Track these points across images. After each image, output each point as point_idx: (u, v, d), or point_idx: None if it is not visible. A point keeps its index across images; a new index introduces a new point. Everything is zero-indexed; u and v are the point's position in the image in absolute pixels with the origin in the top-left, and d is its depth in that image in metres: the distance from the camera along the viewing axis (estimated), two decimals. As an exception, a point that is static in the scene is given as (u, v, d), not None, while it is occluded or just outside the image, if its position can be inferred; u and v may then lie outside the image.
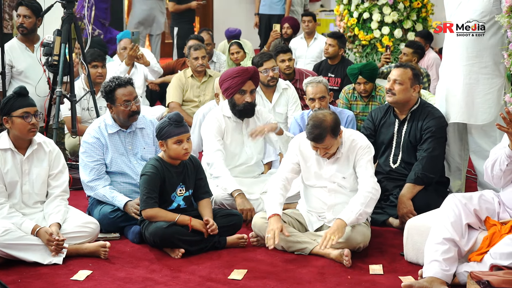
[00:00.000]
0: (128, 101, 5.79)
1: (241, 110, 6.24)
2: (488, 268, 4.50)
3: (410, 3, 10.92)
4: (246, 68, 6.30)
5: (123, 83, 5.83)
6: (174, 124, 5.26)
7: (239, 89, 6.18)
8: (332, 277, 4.87)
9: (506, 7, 5.38)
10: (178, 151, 5.32)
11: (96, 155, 5.80)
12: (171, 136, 5.28)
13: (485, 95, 6.08)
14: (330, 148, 5.34)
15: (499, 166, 4.83)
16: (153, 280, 4.82)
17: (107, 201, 5.72)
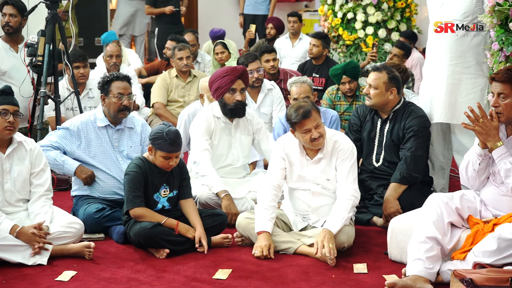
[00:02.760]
0: (121, 94, 5.83)
1: (233, 109, 6.24)
2: (471, 266, 4.52)
3: (394, 3, 10.96)
4: (235, 67, 6.32)
5: (121, 77, 5.92)
6: (169, 141, 5.26)
7: (229, 88, 6.19)
8: (316, 276, 4.88)
9: (488, 7, 5.41)
10: (163, 164, 5.35)
11: (62, 141, 5.87)
12: (162, 151, 5.29)
13: (468, 95, 6.11)
14: (321, 127, 5.35)
15: (472, 166, 4.87)
16: (138, 280, 4.81)
17: (57, 164, 5.79)
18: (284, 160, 5.52)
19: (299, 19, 11.20)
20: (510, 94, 4.67)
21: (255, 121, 6.44)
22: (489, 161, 4.83)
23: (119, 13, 12.93)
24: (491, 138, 4.69)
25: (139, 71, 10.33)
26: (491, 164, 4.83)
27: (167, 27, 12.20)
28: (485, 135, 4.70)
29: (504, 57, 5.43)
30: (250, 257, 5.22)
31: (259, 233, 5.27)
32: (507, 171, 4.64)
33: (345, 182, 5.38)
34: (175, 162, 5.35)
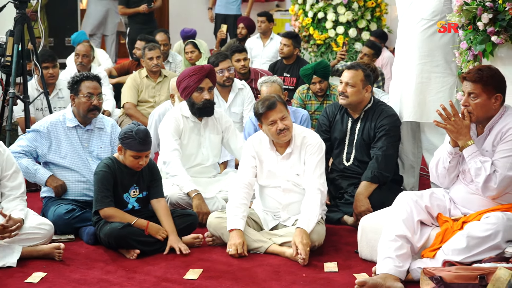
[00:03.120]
0: (91, 94, 5.80)
1: (201, 108, 6.23)
2: (441, 264, 4.55)
3: (364, 2, 11.01)
4: (202, 66, 6.31)
5: (91, 77, 5.89)
6: (139, 140, 5.24)
7: (197, 87, 6.17)
8: (287, 275, 4.88)
9: (456, 6, 5.45)
10: (133, 164, 5.34)
11: (32, 144, 5.81)
12: (131, 150, 5.28)
13: (437, 93, 6.15)
14: (287, 120, 5.37)
15: (443, 164, 4.90)
16: (108, 281, 4.79)
17: (29, 173, 5.75)
18: (255, 158, 5.53)
19: (267, 19, 11.18)
20: (481, 94, 4.70)
21: (224, 119, 6.44)
22: (460, 159, 4.86)
23: (90, 13, 12.87)
24: (462, 136, 4.72)
25: (110, 71, 10.28)
26: (461, 162, 4.86)
27: (139, 27, 12.17)
28: (456, 133, 4.73)
29: (472, 56, 5.47)
30: (221, 257, 5.22)
31: (231, 230, 5.27)
32: (477, 170, 4.67)
33: (312, 175, 5.40)
34: (145, 162, 5.34)
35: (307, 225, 5.18)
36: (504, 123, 4.70)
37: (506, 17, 5.14)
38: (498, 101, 4.72)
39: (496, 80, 4.73)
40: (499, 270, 4.18)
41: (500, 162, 4.64)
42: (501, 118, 4.74)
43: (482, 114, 4.73)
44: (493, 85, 4.70)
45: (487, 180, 4.63)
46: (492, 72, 4.74)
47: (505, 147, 4.65)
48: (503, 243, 4.51)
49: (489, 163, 4.64)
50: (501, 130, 4.69)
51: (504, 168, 4.62)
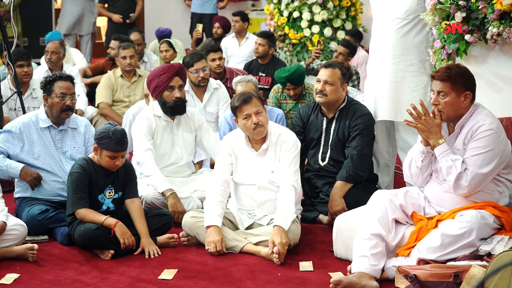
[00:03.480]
0: (64, 94, 5.76)
1: (172, 106, 6.21)
2: (415, 263, 4.57)
3: (339, 2, 11.03)
4: (172, 64, 6.31)
5: (64, 77, 5.85)
6: (116, 141, 5.22)
7: (167, 85, 6.17)
8: (262, 274, 4.88)
9: (430, 5, 5.47)
10: (109, 164, 5.31)
11: (4, 145, 5.77)
12: (108, 150, 5.25)
13: (411, 93, 6.17)
14: (262, 116, 5.39)
15: (415, 163, 4.92)
16: (83, 282, 4.77)
17: (0, 170, 5.70)
18: (231, 155, 5.53)
19: (242, 19, 11.16)
20: (449, 92, 4.72)
21: (196, 117, 6.43)
22: (432, 158, 4.89)
23: (65, 12, 12.79)
24: (433, 135, 4.74)
25: (84, 71, 10.22)
26: (434, 161, 4.88)
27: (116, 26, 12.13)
28: (427, 132, 4.75)
29: (446, 54, 5.50)
30: (196, 257, 5.20)
31: (209, 227, 5.25)
32: (448, 168, 4.69)
33: (286, 172, 5.41)
34: (121, 162, 5.32)
35: (284, 223, 5.18)
36: (475, 121, 4.73)
37: (479, 16, 5.17)
38: (468, 99, 4.74)
39: (465, 78, 4.75)
40: (473, 268, 4.20)
41: (471, 160, 4.66)
42: (471, 116, 4.77)
43: (452, 113, 4.76)
44: (461, 83, 4.72)
45: (458, 178, 4.66)
46: (460, 71, 4.76)
47: (475, 145, 4.68)
48: (477, 241, 4.54)
49: (460, 161, 4.66)
50: (471, 128, 4.72)
51: (475, 166, 4.64)
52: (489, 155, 4.65)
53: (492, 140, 4.66)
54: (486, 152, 4.65)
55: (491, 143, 4.66)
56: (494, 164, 4.67)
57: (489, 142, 4.66)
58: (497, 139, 4.69)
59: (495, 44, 5.25)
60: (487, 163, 4.65)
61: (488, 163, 4.65)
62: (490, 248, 4.50)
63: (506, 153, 4.77)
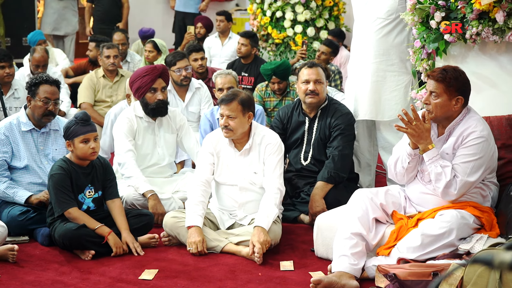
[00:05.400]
0: (48, 99, 5.73)
1: (154, 108, 6.21)
2: (395, 262, 4.57)
3: (322, 1, 11.06)
4: (155, 66, 6.29)
5: (50, 81, 5.80)
6: (81, 123, 5.21)
7: (150, 87, 6.16)
8: (243, 274, 4.88)
9: (409, 5, 5.49)
10: (84, 151, 5.26)
11: (3, 156, 5.70)
12: (77, 135, 5.23)
13: (392, 92, 6.19)
14: (234, 120, 5.37)
15: (401, 164, 4.91)
16: (63, 282, 4.75)
17: (7, 197, 5.64)
18: (213, 155, 5.52)
19: (226, 18, 11.17)
20: (442, 94, 4.71)
21: (178, 118, 6.42)
22: (419, 160, 4.87)
23: (47, 12, 12.74)
24: (423, 140, 4.73)
25: (66, 71, 10.18)
26: (420, 163, 4.87)
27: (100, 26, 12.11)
28: (417, 137, 4.73)
29: (426, 54, 5.51)
30: (176, 257, 5.20)
31: (190, 227, 5.25)
32: (438, 175, 4.68)
33: (271, 175, 5.41)
34: (96, 146, 5.28)
35: (265, 223, 5.18)
36: (466, 126, 4.72)
37: (458, 16, 5.19)
38: (459, 103, 4.73)
39: (460, 82, 4.73)
40: (452, 266, 4.22)
41: (460, 167, 4.66)
42: (462, 121, 4.76)
43: (441, 114, 4.75)
44: (455, 87, 4.71)
45: (448, 186, 4.65)
46: (456, 74, 4.74)
47: (465, 151, 4.67)
48: (456, 240, 4.56)
49: (450, 168, 4.66)
50: (462, 133, 4.71)
51: (464, 174, 4.64)
52: (478, 163, 4.66)
53: (482, 147, 4.67)
54: (476, 160, 4.66)
55: (481, 151, 4.67)
56: (482, 171, 4.68)
57: (479, 150, 4.66)
58: (487, 146, 4.70)
59: (474, 44, 5.27)
60: (476, 170, 4.66)
61: (476, 170, 4.66)
62: (469, 246, 4.51)
63: (493, 158, 4.79)
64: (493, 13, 5.00)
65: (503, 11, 4.95)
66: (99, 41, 9.65)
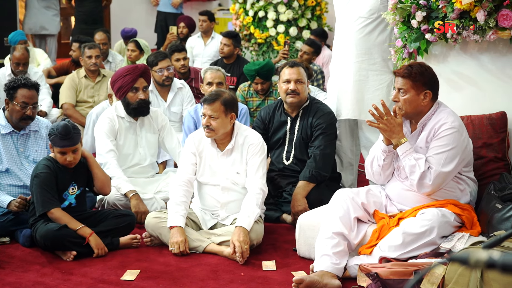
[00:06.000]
0: (26, 104, 5.68)
1: (136, 108, 6.20)
2: (377, 261, 4.58)
3: (305, 1, 11.07)
4: (136, 65, 6.28)
5: (29, 85, 5.74)
6: (59, 136, 5.18)
7: (131, 87, 6.15)
8: (225, 274, 4.88)
9: (391, 4, 5.49)
10: (61, 160, 5.28)
11: None
12: (55, 146, 5.23)
13: (374, 91, 6.20)
14: (216, 120, 5.35)
15: (377, 162, 4.94)
16: (44, 283, 4.73)
17: None
18: (195, 155, 5.51)
19: (209, 18, 11.17)
20: (409, 90, 4.75)
21: (160, 118, 6.41)
22: (394, 157, 4.91)
23: (29, 12, 12.69)
24: (395, 135, 4.76)
25: (49, 71, 10.14)
26: (396, 160, 4.91)
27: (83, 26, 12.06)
28: (389, 132, 4.77)
29: (407, 53, 5.52)
30: (158, 257, 5.19)
31: (172, 227, 5.24)
32: (411, 167, 4.71)
33: (254, 176, 5.40)
34: (73, 158, 5.26)
35: (246, 223, 5.17)
36: (437, 119, 4.76)
37: (440, 15, 5.20)
38: (428, 97, 4.77)
39: (426, 76, 4.78)
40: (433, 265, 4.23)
41: (434, 159, 4.69)
42: (434, 115, 4.79)
43: (411, 110, 4.79)
44: (422, 81, 4.75)
45: (422, 177, 4.68)
46: (422, 69, 4.79)
47: (438, 143, 4.70)
48: (438, 239, 4.57)
49: (423, 160, 4.69)
50: (434, 126, 4.74)
51: (438, 165, 4.67)
52: (451, 154, 4.68)
53: (454, 138, 4.69)
54: (448, 150, 4.68)
55: (454, 141, 4.69)
56: (456, 162, 4.70)
57: (452, 140, 4.69)
58: (459, 137, 4.72)
59: (455, 43, 5.28)
60: (450, 161, 4.68)
61: (450, 161, 4.68)
62: (451, 245, 4.52)
63: (467, 150, 4.81)
64: (474, 12, 5.01)
65: (484, 11, 4.96)
66: (83, 41, 9.61)
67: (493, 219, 4.64)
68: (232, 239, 5.08)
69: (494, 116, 5.22)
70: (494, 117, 5.21)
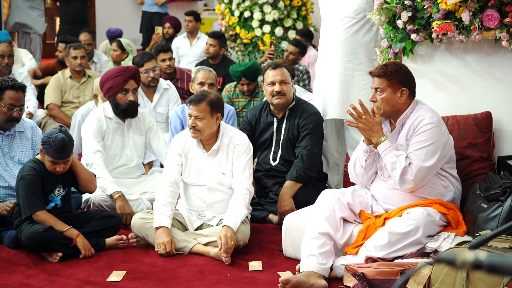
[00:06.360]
0: (13, 106, 5.66)
1: (125, 109, 6.19)
2: (363, 261, 4.59)
3: (290, 1, 11.08)
4: (127, 67, 6.27)
5: (16, 86, 5.71)
6: (55, 148, 5.15)
7: (122, 88, 6.14)
8: (211, 275, 4.87)
9: (377, 4, 5.50)
10: (50, 168, 5.26)
11: None
12: (48, 155, 5.20)
13: (360, 91, 6.21)
14: (202, 121, 5.34)
15: (359, 163, 4.96)
16: (30, 285, 4.71)
17: None
18: (181, 156, 5.50)
19: (194, 19, 11.16)
20: (385, 89, 4.80)
21: (147, 119, 6.41)
22: (376, 157, 4.93)
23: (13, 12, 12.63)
24: (375, 133, 4.79)
25: (34, 72, 10.10)
26: (378, 159, 4.93)
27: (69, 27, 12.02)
28: (369, 131, 4.79)
29: (393, 53, 5.53)
30: (145, 258, 5.18)
31: (158, 228, 5.23)
32: (393, 164, 4.73)
33: (241, 176, 5.40)
34: (63, 168, 5.24)
35: (232, 223, 5.17)
36: (416, 116, 4.79)
37: (425, 15, 5.21)
38: (404, 95, 4.80)
39: (401, 74, 4.82)
40: (419, 265, 4.24)
41: (414, 155, 4.72)
42: (412, 112, 4.83)
43: (389, 108, 4.82)
44: (397, 79, 4.79)
45: (403, 173, 4.70)
46: (396, 67, 4.84)
47: (418, 139, 4.73)
48: (423, 238, 4.58)
49: (404, 156, 4.71)
50: (413, 123, 4.78)
51: (418, 160, 4.69)
52: (431, 148, 4.71)
53: (433, 133, 4.72)
54: (428, 145, 4.70)
55: (433, 136, 4.72)
56: (437, 157, 4.72)
57: (431, 135, 4.71)
58: (439, 132, 4.75)
59: (441, 43, 5.30)
60: (430, 156, 4.70)
61: (431, 156, 4.70)
62: (437, 245, 4.54)
63: (448, 146, 4.83)
64: (459, 12, 5.03)
65: (469, 11, 4.98)
66: (69, 42, 9.58)
67: (479, 219, 4.66)
68: (219, 235, 5.08)
69: (479, 116, 5.24)
70: (479, 117, 5.23)
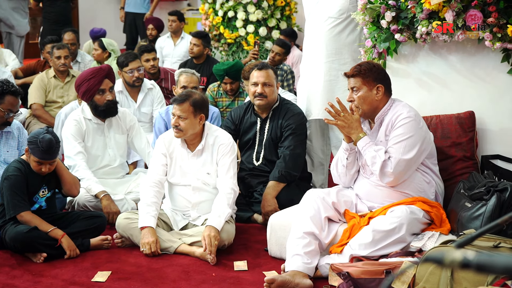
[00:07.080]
0: (10, 111, 5.68)
1: (105, 110, 6.17)
2: (348, 259, 4.60)
3: (274, 1, 11.09)
4: (100, 67, 6.26)
5: (17, 93, 5.75)
6: (41, 149, 5.13)
7: (98, 89, 6.12)
8: (196, 275, 4.87)
9: (360, 4, 5.52)
10: (36, 169, 5.24)
11: None
12: (34, 155, 5.18)
13: (345, 91, 6.16)
14: (185, 121, 5.35)
15: (341, 162, 5.00)
16: (14, 286, 4.69)
17: None
18: (165, 156, 5.50)
19: (178, 19, 11.15)
20: (361, 87, 4.85)
21: (128, 118, 6.40)
22: (357, 155, 4.97)
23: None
24: (354, 130, 4.83)
25: (15, 72, 10.06)
26: (359, 157, 4.96)
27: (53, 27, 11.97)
28: (348, 128, 4.84)
29: (377, 53, 5.55)
30: (130, 258, 5.17)
31: (143, 228, 5.23)
32: (372, 159, 4.77)
33: (225, 176, 5.41)
34: (48, 169, 5.23)
35: (216, 223, 5.17)
36: (393, 113, 4.85)
37: (409, 15, 5.23)
38: (380, 91, 4.86)
39: (375, 72, 4.88)
40: (404, 264, 4.26)
41: (393, 149, 4.75)
42: (390, 109, 4.88)
43: (367, 106, 4.87)
44: (372, 77, 4.85)
45: (383, 166, 4.74)
46: (370, 66, 4.91)
47: (396, 133, 4.78)
48: (407, 235, 4.60)
49: (383, 150, 4.76)
50: (391, 119, 4.83)
51: (397, 153, 4.73)
52: (410, 142, 4.74)
53: (411, 127, 4.76)
54: (407, 139, 4.74)
55: (411, 130, 4.75)
56: (416, 150, 4.75)
57: (409, 129, 4.75)
58: (417, 126, 4.78)
59: (425, 43, 5.32)
60: (410, 149, 4.73)
61: (410, 149, 4.73)
62: (421, 244, 4.56)
63: (427, 140, 4.87)
64: (442, 12, 5.06)
65: (453, 11, 5.01)
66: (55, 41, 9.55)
67: (463, 218, 4.68)
68: (203, 235, 5.08)
69: (462, 116, 5.27)
70: (463, 117, 5.26)
